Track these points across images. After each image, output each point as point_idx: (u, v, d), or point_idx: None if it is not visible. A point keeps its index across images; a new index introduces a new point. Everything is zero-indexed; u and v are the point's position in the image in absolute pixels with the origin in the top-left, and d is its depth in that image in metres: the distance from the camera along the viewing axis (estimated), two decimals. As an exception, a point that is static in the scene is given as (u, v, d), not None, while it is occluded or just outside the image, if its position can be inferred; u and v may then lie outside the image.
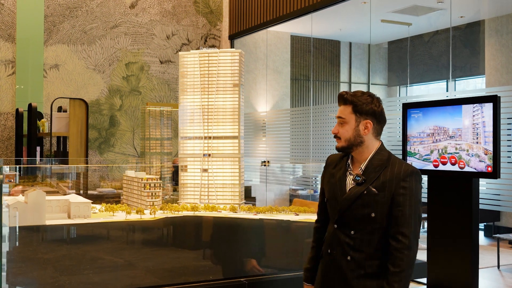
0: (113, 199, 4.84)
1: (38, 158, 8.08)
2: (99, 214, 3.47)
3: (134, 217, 3.43)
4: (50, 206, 3.03)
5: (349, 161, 2.67)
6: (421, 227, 8.74)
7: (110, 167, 8.29)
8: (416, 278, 4.37)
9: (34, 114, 7.52)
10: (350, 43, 11.46)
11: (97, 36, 9.52)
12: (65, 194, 4.76)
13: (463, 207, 4.59)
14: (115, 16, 9.66)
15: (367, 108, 2.60)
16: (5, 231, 2.85)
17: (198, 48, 10.31)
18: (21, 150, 8.33)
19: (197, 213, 3.67)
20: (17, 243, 2.82)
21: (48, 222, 2.94)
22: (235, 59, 4.17)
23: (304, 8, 8.31)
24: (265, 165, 4.80)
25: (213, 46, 10.55)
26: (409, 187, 2.49)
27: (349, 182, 2.61)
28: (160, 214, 3.57)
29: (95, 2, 9.49)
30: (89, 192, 5.79)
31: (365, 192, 2.52)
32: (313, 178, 8.18)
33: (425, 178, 6.23)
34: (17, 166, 2.98)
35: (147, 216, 3.45)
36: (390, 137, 7.15)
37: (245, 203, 4.24)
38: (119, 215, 3.43)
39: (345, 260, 2.55)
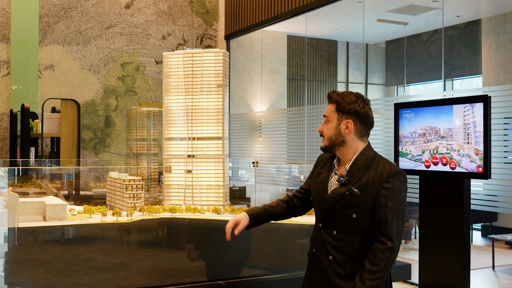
0: (104, 200, 4.81)
1: (32, 159, 8.06)
2: (77, 216, 3.44)
3: (110, 219, 3.40)
4: (25, 208, 3.00)
5: (334, 161, 2.67)
6: (414, 227, 8.71)
7: (105, 168, 8.26)
8: (400, 280, 4.33)
9: (26, 114, 7.50)
10: (347, 43, 11.40)
11: (92, 37, 9.49)
12: (55, 195, 4.74)
13: (455, 207, 4.56)
14: (110, 16, 9.63)
15: (349, 107, 2.58)
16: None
17: (196, 47, 10.28)
18: (15, 151, 8.31)
19: (175, 215, 3.64)
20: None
21: (21, 225, 2.92)
22: (219, 60, 4.12)
23: (299, 7, 8.27)
24: (254, 166, 4.76)
25: (209, 46, 10.52)
26: (391, 187, 2.47)
27: (333, 182, 2.60)
28: (137, 216, 3.53)
29: (90, 3, 9.46)
30: (82, 193, 5.76)
31: (347, 192, 2.50)
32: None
33: (416, 178, 6.20)
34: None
35: (123, 218, 3.41)
36: (388, 137, 7.10)
37: (230, 205, 4.20)
38: (97, 217, 3.40)
39: (328, 260, 2.54)
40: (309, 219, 3.88)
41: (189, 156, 4.16)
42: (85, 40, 9.44)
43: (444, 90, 9.61)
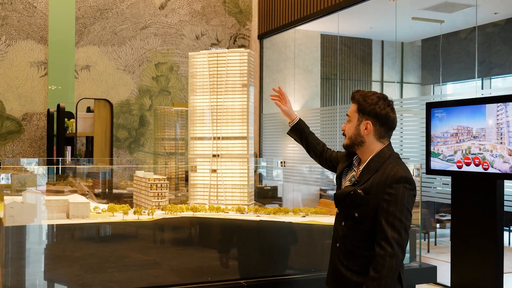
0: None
1: (68, 157, 8.23)
2: (101, 214, 3.49)
3: (131, 217, 3.44)
4: (49, 206, 3.07)
5: (354, 159, 2.74)
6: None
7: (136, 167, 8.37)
8: (425, 282, 4.26)
9: (62, 114, 7.66)
10: (382, 42, 11.25)
11: (127, 37, 9.63)
12: (83, 193, 4.82)
13: (488, 209, 4.46)
14: (145, 17, 9.76)
15: (369, 108, 2.61)
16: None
17: (227, 48, 10.33)
18: (51, 150, 8.51)
19: (196, 214, 3.65)
20: (10, 243, 2.87)
21: (44, 222, 2.99)
22: (244, 59, 4.12)
23: (331, 6, 8.21)
24: (282, 166, 4.75)
25: (242, 46, 10.54)
26: (394, 193, 2.46)
27: (348, 179, 2.71)
28: (159, 215, 3.56)
29: (125, 4, 9.61)
30: (114, 191, 5.86)
31: (352, 192, 2.56)
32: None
33: (448, 179, 6.07)
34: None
35: (145, 216, 3.45)
36: (424, 137, 6.98)
37: (255, 205, 4.20)
38: (119, 216, 3.45)
39: (336, 247, 2.68)
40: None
41: (214, 155, 4.18)
42: (120, 41, 9.58)
43: (482, 88, 9.39)
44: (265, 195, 8.16)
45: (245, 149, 4.11)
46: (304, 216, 3.87)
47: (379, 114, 2.59)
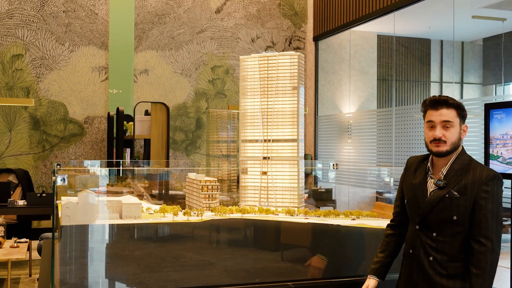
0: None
1: (128, 159, 8.47)
2: (153, 215, 3.58)
3: (181, 218, 3.51)
4: (103, 207, 3.18)
5: (429, 164, 2.72)
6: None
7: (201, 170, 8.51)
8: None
9: (121, 117, 7.89)
10: (441, 41, 10.99)
11: (184, 41, 9.82)
12: (140, 194, 4.96)
13: (549, 214, 4.28)
14: (201, 21, 9.92)
15: (465, 112, 2.67)
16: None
17: (283, 50, 10.36)
18: (112, 152, 8.78)
19: (244, 216, 3.69)
20: (67, 241, 2.99)
21: (98, 222, 3.10)
22: (294, 62, 4.13)
23: (387, 6, 8.10)
24: (334, 168, 4.73)
25: (297, 48, 10.54)
26: (491, 191, 2.52)
27: (430, 185, 2.66)
28: (208, 216, 3.61)
29: (182, 9, 9.80)
30: (170, 192, 5.99)
31: (447, 195, 2.57)
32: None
33: (508, 182, 5.86)
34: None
35: (194, 218, 3.51)
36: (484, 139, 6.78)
37: (305, 207, 4.19)
38: (169, 217, 3.53)
39: (427, 260, 2.61)
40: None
41: (264, 158, 4.21)
42: (177, 45, 9.79)
43: (547, 88, 9.02)
44: (320, 197, 8.12)
45: (295, 152, 4.12)
46: (354, 219, 3.84)
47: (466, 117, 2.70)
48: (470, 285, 2.48)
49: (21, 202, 7.15)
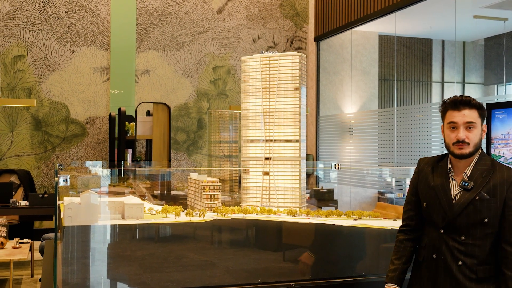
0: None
1: (129, 160, 8.48)
2: (155, 215, 3.59)
3: (183, 218, 3.52)
4: (105, 207, 3.19)
5: (449, 165, 2.63)
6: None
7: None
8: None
9: (123, 118, 7.90)
10: (443, 41, 10.99)
11: (185, 42, 9.83)
12: (142, 195, 4.96)
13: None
14: (203, 22, 9.93)
15: (485, 112, 2.62)
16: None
17: (284, 51, 10.36)
18: (113, 152, 8.78)
19: (246, 216, 3.69)
20: (69, 242, 3.00)
21: (100, 222, 3.11)
22: (296, 62, 4.13)
23: (389, 6, 8.10)
24: (336, 168, 4.74)
25: (299, 48, 10.54)
26: None
27: (454, 187, 2.58)
28: (210, 216, 3.62)
29: (184, 9, 9.81)
30: (172, 193, 5.99)
31: (477, 197, 2.50)
32: (403, 182, 7.92)
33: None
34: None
35: (196, 218, 3.52)
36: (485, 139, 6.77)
37: (307, 207, 4.20)
38: (172, 217, 3.53)
39: (456, 265, 2.53)
40: (395, 223, 3.79)
41: (266, 158, 4.21)
42: (179, 46, 9.79)
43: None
44: (321, 197, 8.12)
45: (297, 152, 4.12)
46: (356, 220, 3.84)
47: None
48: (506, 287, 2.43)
49: (23, 203, 7.16)
